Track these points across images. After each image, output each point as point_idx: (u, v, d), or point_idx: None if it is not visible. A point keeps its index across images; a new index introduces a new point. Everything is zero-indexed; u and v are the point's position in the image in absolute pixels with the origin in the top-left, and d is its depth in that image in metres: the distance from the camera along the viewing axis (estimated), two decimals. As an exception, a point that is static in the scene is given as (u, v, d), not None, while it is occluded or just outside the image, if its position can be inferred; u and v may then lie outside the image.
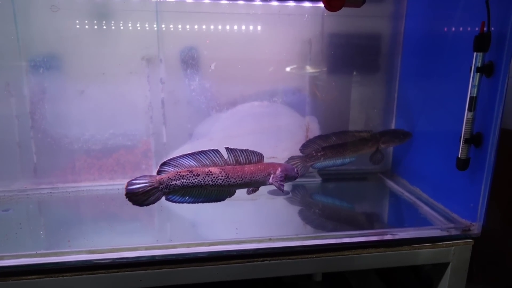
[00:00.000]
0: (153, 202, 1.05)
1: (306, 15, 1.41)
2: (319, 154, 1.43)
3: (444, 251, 1.09)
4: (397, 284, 1.47)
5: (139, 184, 1.03)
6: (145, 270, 0.96)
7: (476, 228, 1.11)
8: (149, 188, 1.04)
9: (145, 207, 1.05)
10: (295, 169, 1.24)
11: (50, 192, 1.36)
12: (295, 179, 1.23)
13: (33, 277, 0.91)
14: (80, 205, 1.32)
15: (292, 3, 1.00)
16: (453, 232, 1.11)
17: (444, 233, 1.10)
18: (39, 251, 0.95)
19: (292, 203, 1.37)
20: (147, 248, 0.98)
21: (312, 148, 1.44)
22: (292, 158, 1.46)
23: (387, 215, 1.33)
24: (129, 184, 1.03)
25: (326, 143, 1.43)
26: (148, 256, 0.96)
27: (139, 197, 1.03)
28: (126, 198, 1.02)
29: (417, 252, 1.08)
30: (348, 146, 1.43)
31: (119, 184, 1.41)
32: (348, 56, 1.50)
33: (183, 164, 1.08)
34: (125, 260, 0.95)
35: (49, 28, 1.28)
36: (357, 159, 1.47)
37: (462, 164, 1.09)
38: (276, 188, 1.17)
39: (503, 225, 1.36)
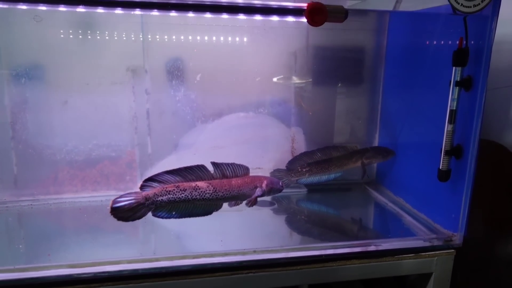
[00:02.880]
0: (139, 218, 1.03)
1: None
2: (304, 170, 1.44)
3: (427, 262, 1.11)
4: (382, 294, 1.48)
5: (125, 202, 1.01)
6: (127, 284, 0.94)
7: (457, 238, 1.12)
8: (135, 204, 1.02)
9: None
10: (280, 182, 1.25)
11: (31, 204, 1.33)
12: (280, 191, 1.24)
13: (10, 293, 0.89)
14: (62, 218, 1.30)
15: (275, 18, 1.02)
16: (436, 243, 1.12)
17: (427, 244, 1.12)
18: (17, 265, 0.93)
19: (278, 214, 1.37)
20: (129, 262, 0.96)
21: (298, 165, 1.46)
22: (277, 171, 1.47)
23: (371, 225, 1.35)
24: (114, 202, 1.01)
25: (312, 160, 1.45)
26: (131, 270, 0.95)
27: (125, 214, 1.01)
28: (112, 215, 1.01)
29: (401, 262, 1.09)
30: (333, 161, 1.45)
31: (103, 196, 1.39)
32: (333, 68, 1.52)
33: (167, 181, 1.07)
34: (107, 274, 0.93)
35: (32, 38, 1.27)
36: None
37: (443, 176, 1.11)
38: (261, 200, 1.17)
39: (485, 234, 1.38)
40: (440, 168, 1.11)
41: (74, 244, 1.10)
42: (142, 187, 1.06)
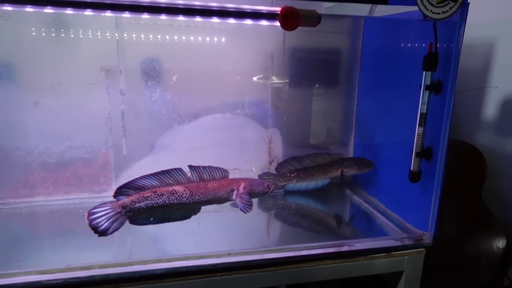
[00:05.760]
0: (118, 228, 1.01)
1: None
2: (292, 175, 1.46)
3: (398, 260, 1.13)
4: (357, 292, 1.51)
5: (101, 212, 0.99)
6: (99, 289, 0.93)
7: (427, 237, 1.16)
8: (112, 214, 1.01)
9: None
10: (265, 184, 1.20)
11: (0, 208, 1.29)
12: (264, 194, 1.19)
13: (-24, 301, 0.86)
14: (32, 222, 1.26)
15: (249, 21, 1.02)
16: (407, 242, 1.15)
17: (398, 243, 1.15)
18: (-16, 273, 0.90)
19: (254, 215, 1.37)
20: (101, 266, 0.95)
21: (287, 169, 1.48)
22: (266, 175, 1.48)
23: (345, 225, 1.37)
24: (90, 214, 0.98)
25: (300, 165, 1.48)
26: (103, 275, 0.93)
27: (103, 225, 0.99)
28: (91, 228, 0.98)
29: (373, 262, 1.11)
30: (317, 168, 1.48)
31: (76, 199, 1.37)
32: (309, 69, 1.53)
33: (144, 186, 1.05)
34: (78, 279, 0.92)
35: (0, 36, 1.23)
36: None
37: (414, 177, 1.14)
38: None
39: (456, 231, 1.43)
40: (411, 169, 1.14)
41: (45, 249, 1.08)
42: (116, 194, 1.04)
